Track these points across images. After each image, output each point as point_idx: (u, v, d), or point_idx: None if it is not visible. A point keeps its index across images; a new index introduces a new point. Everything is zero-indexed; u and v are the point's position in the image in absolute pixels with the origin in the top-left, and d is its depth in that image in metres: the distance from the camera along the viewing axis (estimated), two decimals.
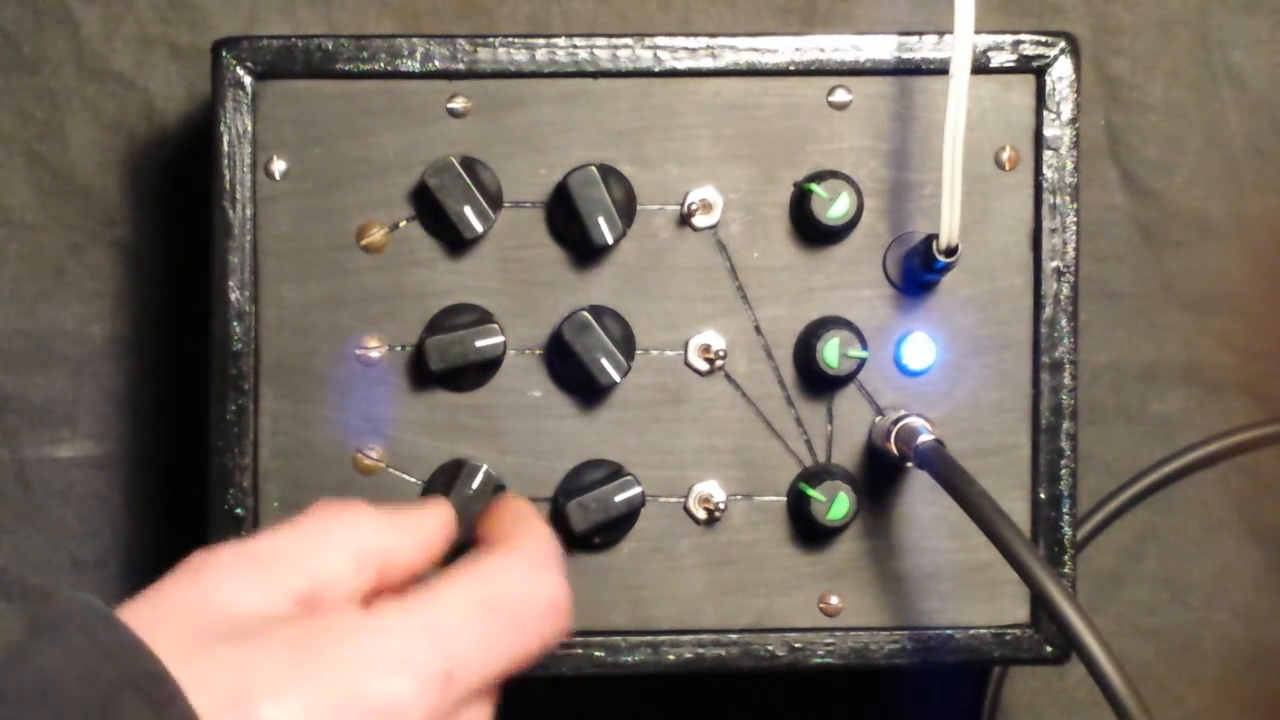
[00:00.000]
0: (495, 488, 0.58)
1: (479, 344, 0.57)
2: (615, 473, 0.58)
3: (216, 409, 0.58)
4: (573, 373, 0.58)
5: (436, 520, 0.49)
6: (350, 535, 0.46)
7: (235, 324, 0.58)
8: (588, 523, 0.57)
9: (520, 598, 0.46)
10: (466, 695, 0.45)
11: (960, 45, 0.54)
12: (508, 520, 0.51)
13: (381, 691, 0.42)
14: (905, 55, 0.59)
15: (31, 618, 0.41)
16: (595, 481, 0.58)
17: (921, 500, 0.60)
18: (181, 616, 0.42)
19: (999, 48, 0.59)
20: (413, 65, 0.58)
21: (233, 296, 0.58)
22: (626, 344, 0.58)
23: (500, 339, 0.58)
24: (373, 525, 0.47)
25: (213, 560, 0.45)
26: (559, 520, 0.58)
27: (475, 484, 0.57)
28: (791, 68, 0.59)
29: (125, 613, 0.42)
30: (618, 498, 0.57)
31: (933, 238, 0.56)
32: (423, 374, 0.58)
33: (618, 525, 0.58)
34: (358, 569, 0.46)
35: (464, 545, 0.51)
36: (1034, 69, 0.59)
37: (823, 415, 0.60)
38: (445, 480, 0.58)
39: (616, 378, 0.57)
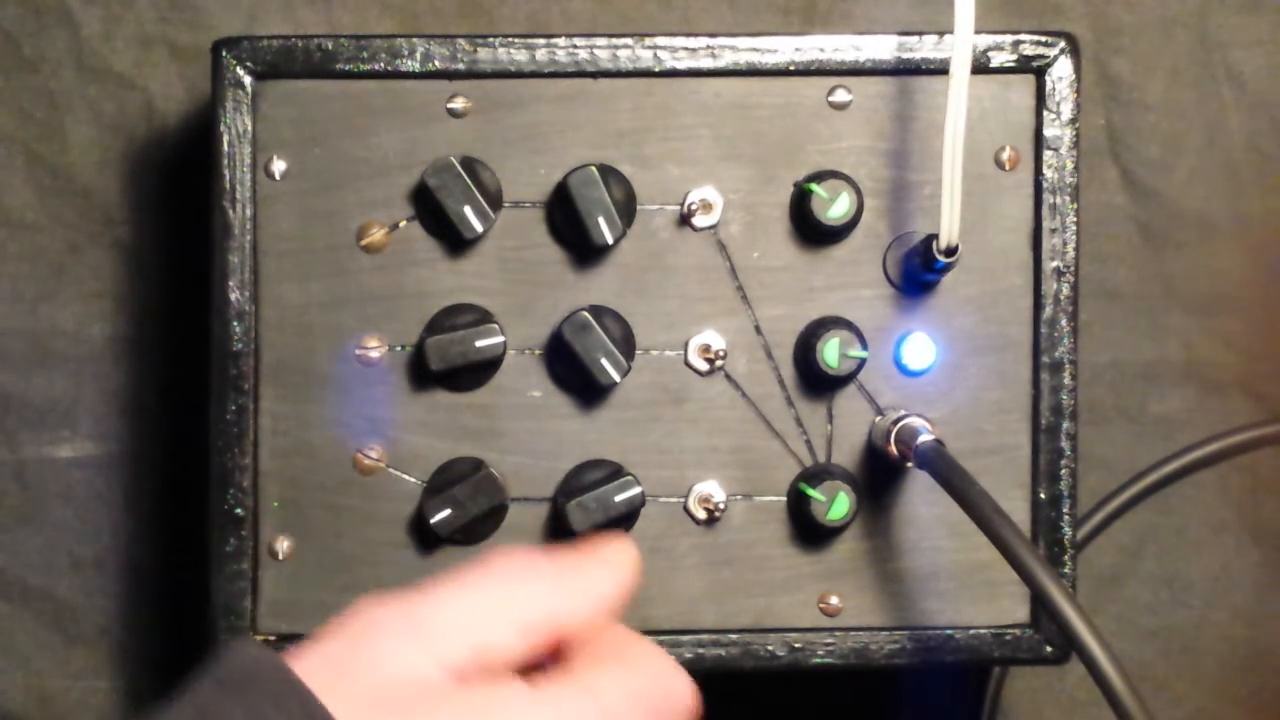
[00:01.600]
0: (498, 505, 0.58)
1: (479, 344, 0.57)
2: (615, 473, 0.58)
3: (216, 409, 0.58)
4: (573, 373, 0.58)
5: (615, 576, 0.48)
6: (520, 604, 0.45)
7: (235, 324, 0.58)
8: (588, 523, 0.57)
9: (667, 693, 0.46)
10: None
11: (960, 45, 0.54)
12: (616, 635, 0.49)
13: None
14: (905, 55, 0.59)
15: (213, 667, 0.41)
16: (595, 481, 0.58)
17: (921, 500, 0.60)
18: (351, 683, 0.41)
19: (999, 48, 0.59)
20: (413, 65, 0.58)
21: (233, 296, 0.58)
22: (626, 344, 0.58)
23: (500, 339, 0.58)
24: (546, 589, 0.45)
25: (378, 623, 0.43)
26: (559, 520, 0.58)
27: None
28: (791, 68, 0.59)
29: (300, 674, 0.41)
30: (618, 498, 0.57)
31: (933, 238, 0.56)
32: (423, 374, 0.58)
33: (617, 525, 0.58)
34: (526, 640, 0.45)
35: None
36: (1034, 69, 0.59)
37: (823, 415, 0.60)
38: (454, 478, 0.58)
39: (616, 378, 0.57)
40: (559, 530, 0.58)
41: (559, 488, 0.59)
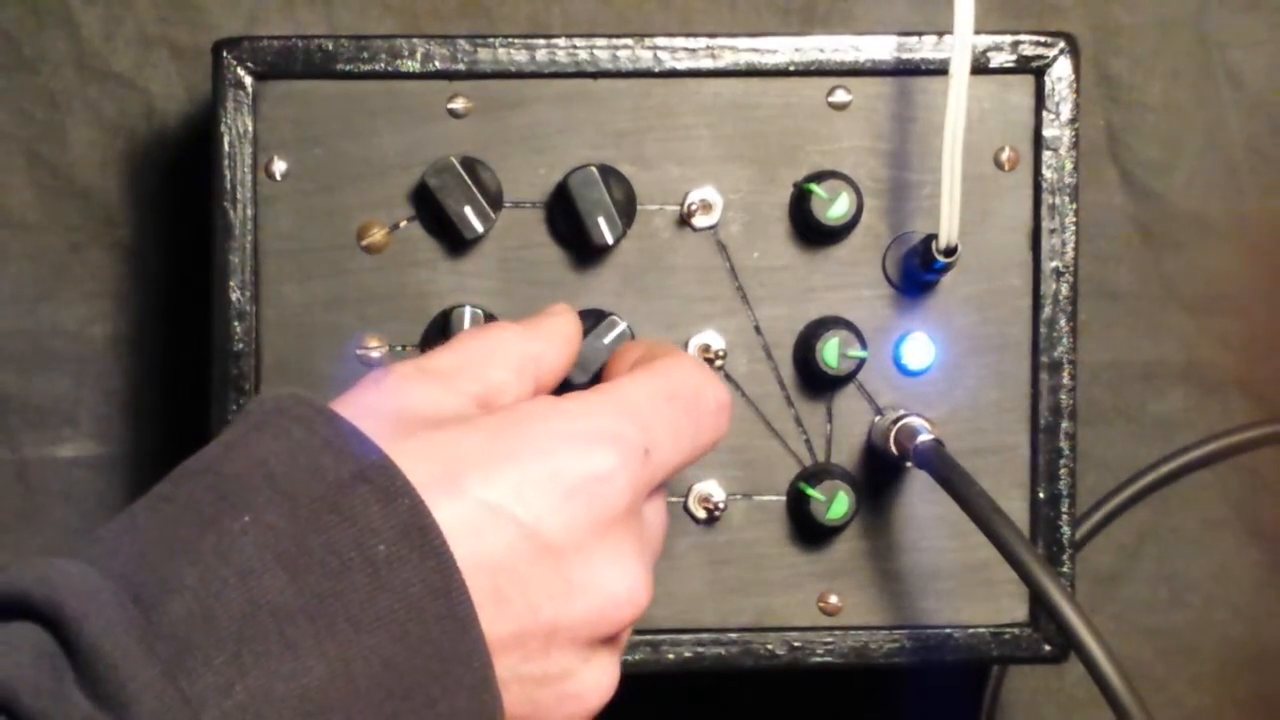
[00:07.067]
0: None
1: None
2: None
3: (217, 409, 0.58)
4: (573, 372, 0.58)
5: (568, 320, 0.51)
6: (504, 348, 0.47)
7: (236, 324, 0.58)
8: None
9: (695, 392, 0.47)
10: (656, 480, 0.45)
11: (960, 45, 0.54)
12: (651, 347, 0.52)
13: (588, 464, 0.42)
14: (905, 55, 0.59)
15: (239, 415, 0.42)
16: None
17: (921, 500, 0.60)
18: (378, 415, 0.42)
19: (999, 48, 0.59)
20: (413, 65, 0.58)
21: (233, 296, 0.58)
22: None
23: None
24: (519, 336, 0.48)
25: (393, 374, 0.45)
26: None
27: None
28: (791, 68, 0.59)
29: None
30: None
31: (932, 238, 0.56)
32: None
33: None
34: (519, 377, 0.47)
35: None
36: (1033, 69, 0.59)
37: (823, 415, 0.60)
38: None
39: None
40: None
41: None
